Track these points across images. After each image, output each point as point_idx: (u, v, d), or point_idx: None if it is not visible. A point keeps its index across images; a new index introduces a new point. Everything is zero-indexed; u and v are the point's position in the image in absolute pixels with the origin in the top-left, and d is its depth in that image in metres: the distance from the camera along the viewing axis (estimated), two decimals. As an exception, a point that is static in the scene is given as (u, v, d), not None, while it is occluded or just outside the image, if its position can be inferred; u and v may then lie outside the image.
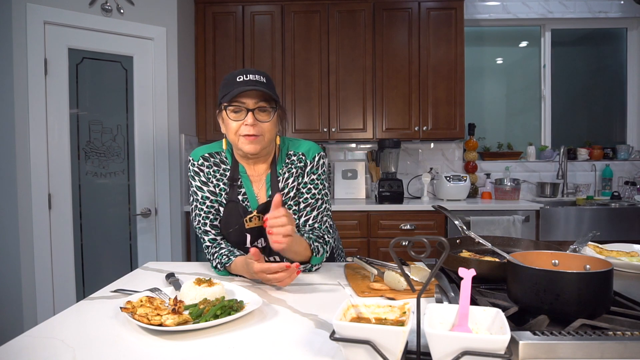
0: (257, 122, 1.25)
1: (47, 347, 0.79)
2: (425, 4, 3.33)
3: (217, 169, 1.38)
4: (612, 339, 0.68)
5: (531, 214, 3.06)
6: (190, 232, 3.13)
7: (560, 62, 3.90)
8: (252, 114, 1.25)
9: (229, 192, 1.36)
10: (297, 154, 1.39)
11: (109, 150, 2.67)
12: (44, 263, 2.41)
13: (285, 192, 1.37)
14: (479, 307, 0.71)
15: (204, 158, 1.38)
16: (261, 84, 1.25)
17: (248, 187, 1.37)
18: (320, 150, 1.42)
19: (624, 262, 1.20)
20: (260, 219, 1.33)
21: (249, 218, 1.32)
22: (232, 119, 1.27)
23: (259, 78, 1.26)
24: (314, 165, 1.39)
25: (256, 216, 1.33)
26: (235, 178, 1.37)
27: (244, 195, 1.37)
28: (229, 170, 1.38)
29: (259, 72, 1.28)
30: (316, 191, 1.39)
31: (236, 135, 1.28)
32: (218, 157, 1.39)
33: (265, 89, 1.24)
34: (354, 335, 0.65)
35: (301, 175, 1.38)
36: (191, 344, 0.80)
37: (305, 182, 1.38)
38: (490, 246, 1.12)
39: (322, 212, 1.40)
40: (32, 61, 2.36)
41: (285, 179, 1.37)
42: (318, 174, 1.39)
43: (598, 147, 3.76)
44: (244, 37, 3.35)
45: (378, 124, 3.37)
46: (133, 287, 1.16)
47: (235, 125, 1.26)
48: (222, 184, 1.37)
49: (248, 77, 1.25)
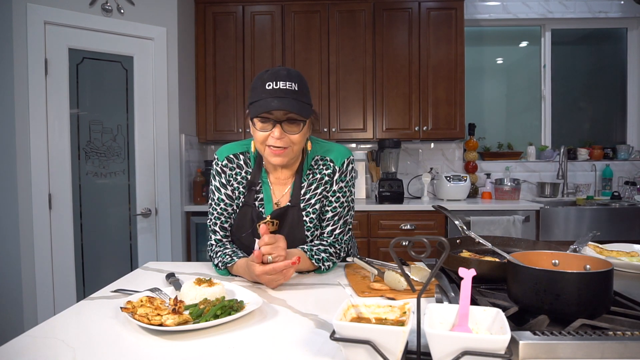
0: (285, 134, 1.19)
1: (47, 347, 0.79)
2: (426, 4, 3.33)
3: (239, 171, 1.35)
4: (613, 339, 0.68)
5: (531, 214, 3.06)
6: (190, 232, 3.13)
7: (560, 62, 3.90)
8: (279, 126, 1.18)
9: (246, 196, 1.34)
10: (324, 159, 1.35)
11: (109, 150, 2.67)
12: (44, 263, 2.41)
13: (306, 198, 1.33)
14: (479, 307, 0.71)
15: (229, 159, 1.35)
16: (292, 93, 1.16)
17: (266, 192, 1.35)
18: (350, 154, 1.38)
19: (624, 262, 1.20)
20: (273, 224, 1.30)
21: (263, 222, 1.30)
22: (258, 129, 1.20)
23: (290, 86, 1.16)
24: (343, 172, 1.35)
25: (270, 222, 1.30)
26: (255, 182, 1.34)
27: (260, 200, 1.34)
28: (251, 174, 1.35)
29: (290, 77, 1.17)
30: (344, 199, 1.36)
31: (262, 145, 1.22)
32: (242, 158, 1.35)
33: (296, 99, 1.16)
34: (354, 335, 0.65)
35: (329, 183, 1.34)
36: (191, 344, 0.80)
37: (334, 191, 1.34)
38: (490, 246, 1.12)
39: (348, 220, 1.39)
40: (33, 61, 2.36)
41: (309, 184, 1.34)
42: (346, 181, 1.36)
43: (598, 147, 3.76)
44: (244, 37, 3.35)
45: (378, 124, 3.37)
46: (133, 287, 1.16)
47: (262, 135, 1.20)
48: (242, 187, 1.35)
49: (278, 86, 1.15)
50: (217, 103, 3.37)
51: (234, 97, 3.36)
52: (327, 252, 1.32)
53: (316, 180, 1.34)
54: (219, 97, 3.37)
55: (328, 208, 1.36)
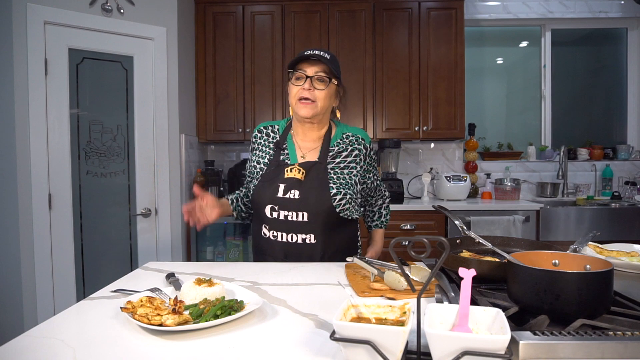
0: (313, 88, 1.42)
1: (47, 347, 0.79)
2: (426, 4, 3.33)
3: (267, 137, 1.58)
4: (613, 339, 0.68)
5: (531, 214, 3.06)
6: (190, 232, 3.13)
7: (560, 62, 3.90)
8: (309, 80, 1.41)
9: (274, 155, 1.52)
10: (355, 136, 1.55)
11: (109, 150, 2.67)
12: (44, 263, 2.41)
13: (336, 161, 1.50)
14: (479, 307, 0.71)
15: (259, 130, 1.60)
16: (324, 58, 1.41)
17: (291, 149, 1.52)
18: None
19: (624, 262, 1.20)
20: (300, 172, 1.44)
21: (290, 169, 1.45)
22: (293, 84, 1.45)
23: (323, 54, 1.42)
24: (371, 149, 1.58)
25: (297, 168, 1.45)
26: (281, 143, 1.54)
27: (286, 155, 1.52)
28: (280, 137, 1.56)
29: (325, 50, 1.45)
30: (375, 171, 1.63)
31: (294, 98, 1.44)
32: (271, 129, 1.59)
33: (326, 62, 1.40)
34: (354, 335, 0.65)
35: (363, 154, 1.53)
36: (191, 344, 0.80)
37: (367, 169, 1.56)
38: (490, 246, 1.12)
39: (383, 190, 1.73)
40: (33, 61, 2.36)
41: (339, 151, 1.51)
42: (373, 158, 1.60)
43: (598, 147, 3.76)
44: (244, 37, 3.35)
45: (378, 124, 3.37)
46: (133, 287, 1.16)
47: (295, 90, 1.44)
48: (269, 149, 1.54)
49: (314, 52, 1.42)
50: (217, 103, 3.37)
51: (234, 97, 3.36)
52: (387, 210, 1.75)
53: (347, 150, 1.52)
54: (219, 97, 3.37)
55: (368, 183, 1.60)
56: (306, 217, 1.43)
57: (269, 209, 1.45)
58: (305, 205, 1.42)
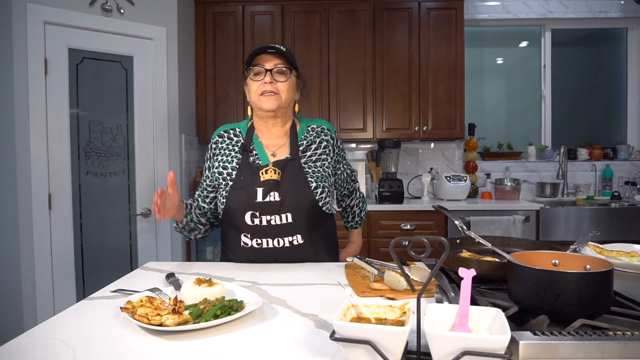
0: (275, 81, 1.38)
1: (47, 347, 0.79)
2: (425, 4, 3.33)
3: (230, 141, 1.50)
4: (613, 339, 0.68)
5: (531, 214, 3.06)
6: (190, 232, 3.13)
7: (560, 62, 3.90)
8: (269, 73, 1.38)
9: (242, 158, 1.45)
10: (320, 127, 1.53)
11: (109, 150, 2.67)
12: (44, 263, 2.41)
13: (307, 155, 1.47)
14: (479, 307, 0.71)
15: (219, 135, 1.52)
16: (280, 50, 1.38)
17: (260, 150, 1.46)
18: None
19: (624, 262, 1.19)
20: (275, 172, 1.40)
21: (265, 170, 1.40)
22: (252, 79, 1.40)
23: (279, 47, 1.40)
24: (337, 139, 1.56)
25: (272, 169, 1.40)
26: (247, 145, 1.47)
27: (255, 156, 1.46)
28: (244, 139, 1.50)
29: (280, 44, 1.42)
30: (345, 161, 1.63)
31: (256, 94, 1.40)
32: (233, 132, 1.52)
33: (283, 54, 1.38)
34: (354, 335, 0.65)
35: (331, 145, 1.52)
36: (191, 344, 0.80)
37: (337, 160, 1.55)
38: (490, 246, 1.12)
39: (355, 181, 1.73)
40: (32, 61, 2.36)
41: (308, 144, 1.48)
42: (341, 148, 1.58)
43: (598, 147, 3.76)
44: (244, 37, 3.35)
45: (378, 124, 3.37)
46: (133, 287, 1.16)
47: (256, 85, 1.39)
48: (235, 152, 1.48)
49: (269, 45, 1.40)
50: (217, 103, 3.37)
51: (234, 97, 3.36)
52: (360, 208, 1.76)
53: (316, 143, 1.49)
54: (219, 97, 3.37)
55: (341, 172, 1.59)
56: (290, 217, 1.37)
57: (249, 215, 1.37)
58: (287, 206, 1.36)
